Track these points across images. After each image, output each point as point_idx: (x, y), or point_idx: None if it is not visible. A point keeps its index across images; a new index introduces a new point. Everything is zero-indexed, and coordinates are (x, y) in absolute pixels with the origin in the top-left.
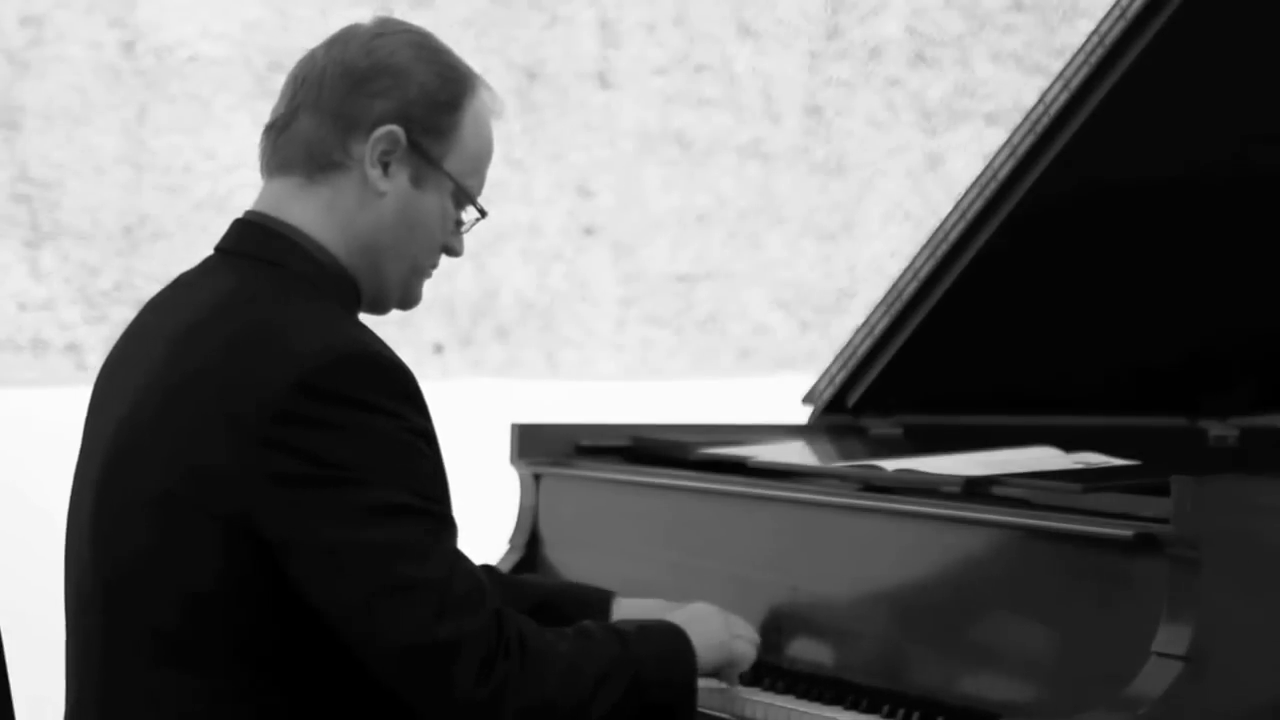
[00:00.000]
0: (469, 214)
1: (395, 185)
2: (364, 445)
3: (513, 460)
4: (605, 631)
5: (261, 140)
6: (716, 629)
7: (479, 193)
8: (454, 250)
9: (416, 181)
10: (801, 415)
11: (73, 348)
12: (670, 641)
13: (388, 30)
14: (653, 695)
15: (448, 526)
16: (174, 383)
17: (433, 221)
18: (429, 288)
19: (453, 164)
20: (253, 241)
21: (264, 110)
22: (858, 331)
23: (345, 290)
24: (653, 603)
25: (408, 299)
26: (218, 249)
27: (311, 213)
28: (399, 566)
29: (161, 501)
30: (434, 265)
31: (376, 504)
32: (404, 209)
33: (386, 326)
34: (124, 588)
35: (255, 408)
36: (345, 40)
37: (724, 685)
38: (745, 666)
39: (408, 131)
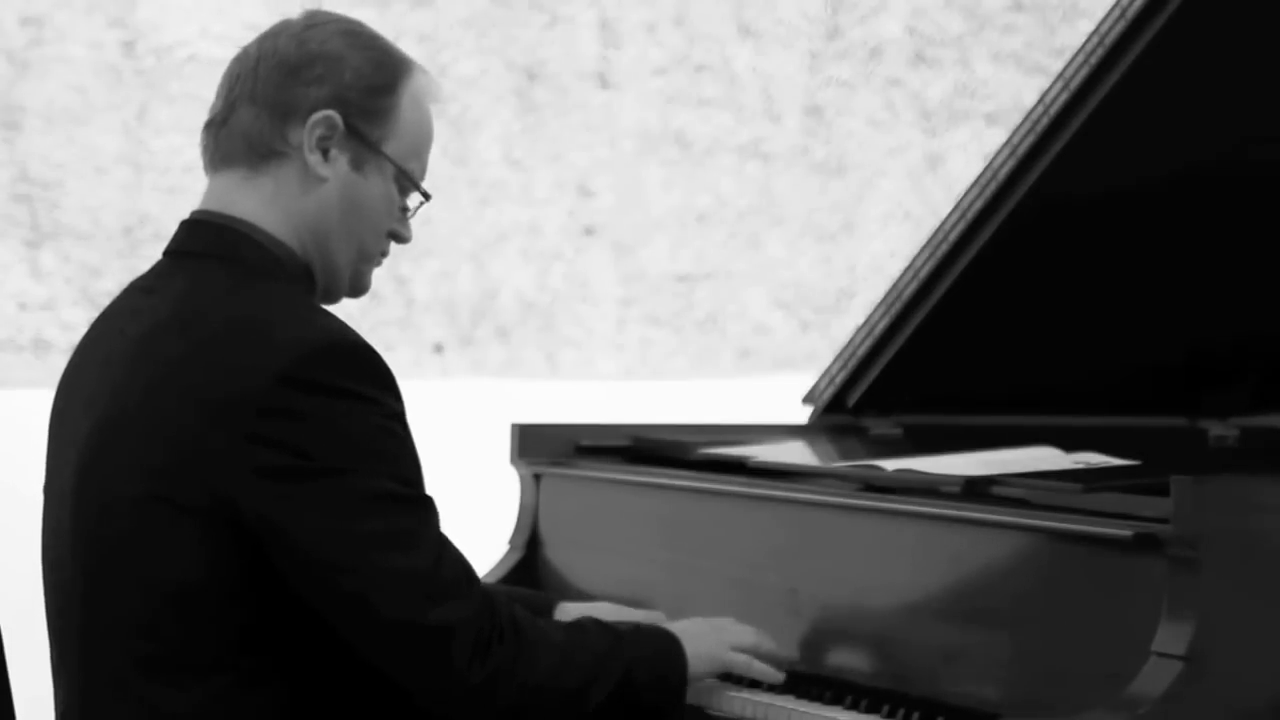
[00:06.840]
0: (414, 199)
1: (336, 170)
2: (348, 435)
3: (513, 460)
4: (598, 626)
5: (203, 137)
6: (710, 643)
7: (422, 177)
8: (401, 237)
9: (357, 166)
10: (801, 415)
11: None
12: (663, 644)
13: (318, 21)
14: (645, 697)
15: (431, 511)
16: (146, 383)
17: (377, 205)
18: (429, 287)
19: (392, 147)
20: (204, 239)
21: None
22: (858, 331)
23: (302, 277)
24: (603, 605)
25: (358, 286)
26: (168, 252)
27: (257, 204)
28: (388, 556)
29: (142, 499)
30: (384, 252)
31: (364, 493)
32: (346, 194)
33: (386, 327)
34: (108, 590)
35: (237, 402)
36: (276, 34)
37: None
38: (747, 674)
39: (344, 116)
